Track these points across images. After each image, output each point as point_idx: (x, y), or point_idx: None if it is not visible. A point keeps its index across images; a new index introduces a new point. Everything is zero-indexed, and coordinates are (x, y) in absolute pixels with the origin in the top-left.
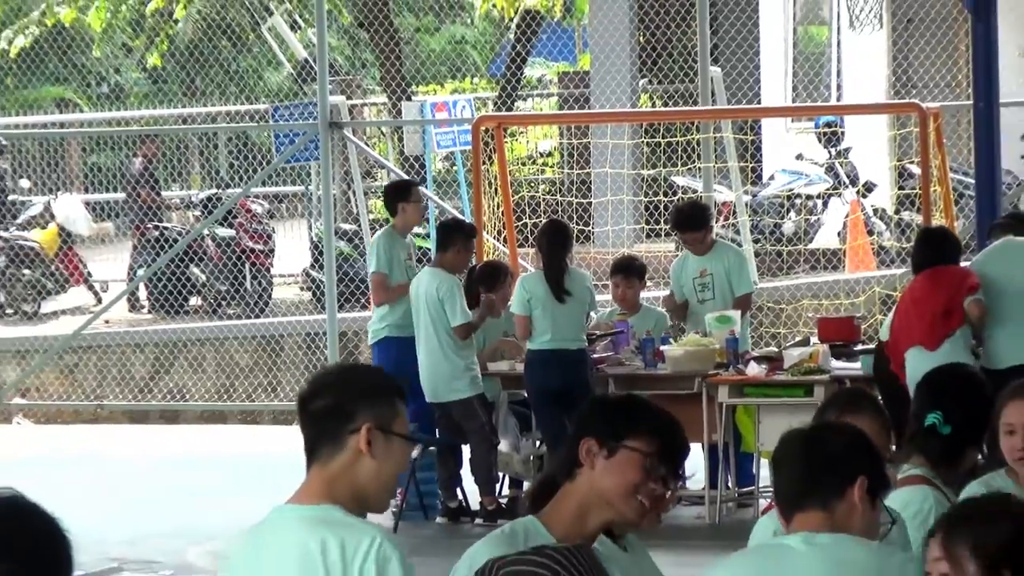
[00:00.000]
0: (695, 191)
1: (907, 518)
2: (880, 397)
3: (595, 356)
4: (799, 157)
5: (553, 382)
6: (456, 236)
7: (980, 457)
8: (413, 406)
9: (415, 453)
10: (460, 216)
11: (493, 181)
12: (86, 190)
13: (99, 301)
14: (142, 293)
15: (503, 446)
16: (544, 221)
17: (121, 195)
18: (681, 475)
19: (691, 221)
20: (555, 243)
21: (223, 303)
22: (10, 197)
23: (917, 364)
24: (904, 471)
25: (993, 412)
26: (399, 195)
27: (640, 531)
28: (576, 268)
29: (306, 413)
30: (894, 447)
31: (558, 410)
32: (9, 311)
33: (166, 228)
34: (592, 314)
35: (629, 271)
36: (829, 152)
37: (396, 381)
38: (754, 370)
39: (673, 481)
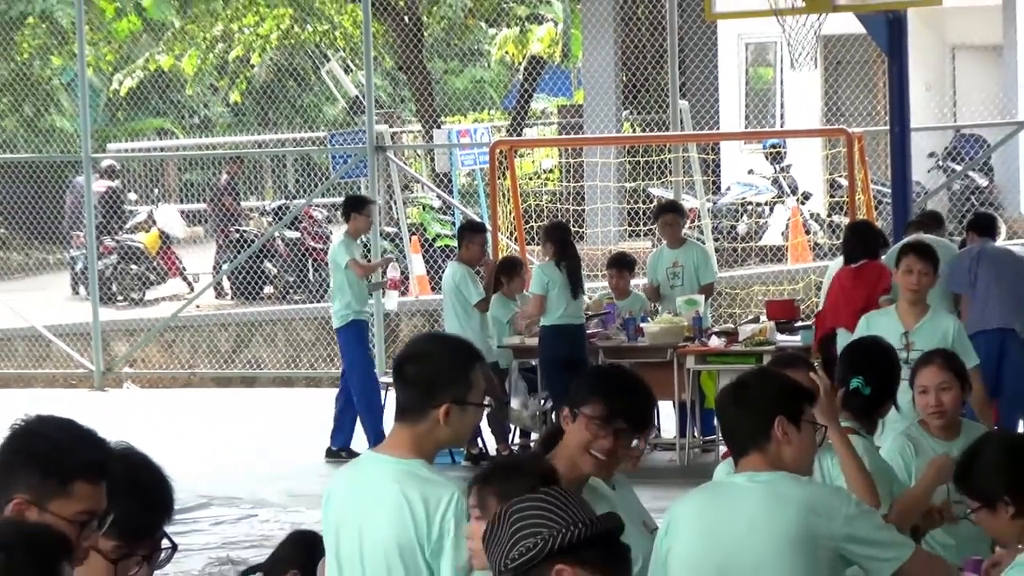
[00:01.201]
0: (667, 203)
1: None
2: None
3: (588, 332)
4: (750, 172)
5: (562, 351)
6: (464, 233)
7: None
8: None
9: None
10: (474, 220)
11: (506, 192)
12: (181, 201)
13: (191, 289)
14: (226, 283)
15: (514, 404)
16: (555, 221)
17: (210, 204)
18: (645, 425)
19: (672, 205)
20: (571, 242)
21: (291, 291)
22: (122, 207)
23: (845, 342)
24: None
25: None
26: (352, 207)
27: (625, 472)
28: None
29: (401, 375)
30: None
31: (564, 374)
32: (120, 298)
33: (244, 231)
34: (585, 297)
35: (622, 265)
36: (774, 168)
37: (475, 353)
38: (715, 342)
39: (633, 434)
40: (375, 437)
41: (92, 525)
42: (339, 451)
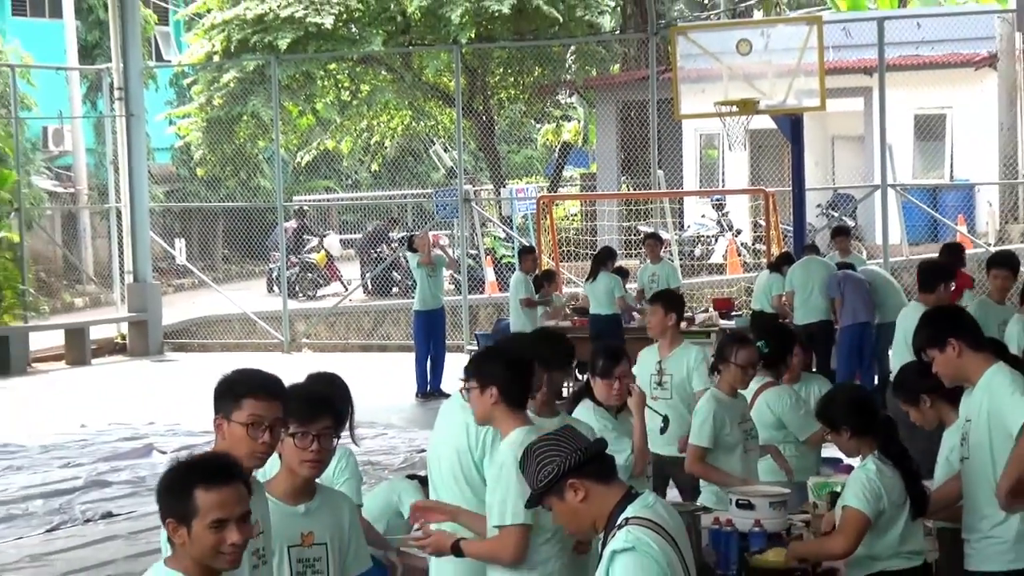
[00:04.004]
0: (650, 233)
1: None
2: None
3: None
4: (703, 216)
5: (594, 331)
6: (521, 254)
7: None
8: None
9: None
10: (528, 245)
11: (547, 229)
12: (340, 233)
13: (346, 289)
14: (368, 285)
15: None
16: (603, 247)
17: (359, 235)
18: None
19: (654, 234)
20: (598, 261)
21: (409, 291)
22: (303, 237)
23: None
24: (759, 380)
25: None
26: (412, 241)
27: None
28: (610, 273)
29: (484, 356)
30: None
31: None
32: (300, 295)
33: (380, 252)
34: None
35: (620, 275)
36: (718, 214)
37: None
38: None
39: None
40: (420, 382)
41: (258, 426)
42: (432, 392)
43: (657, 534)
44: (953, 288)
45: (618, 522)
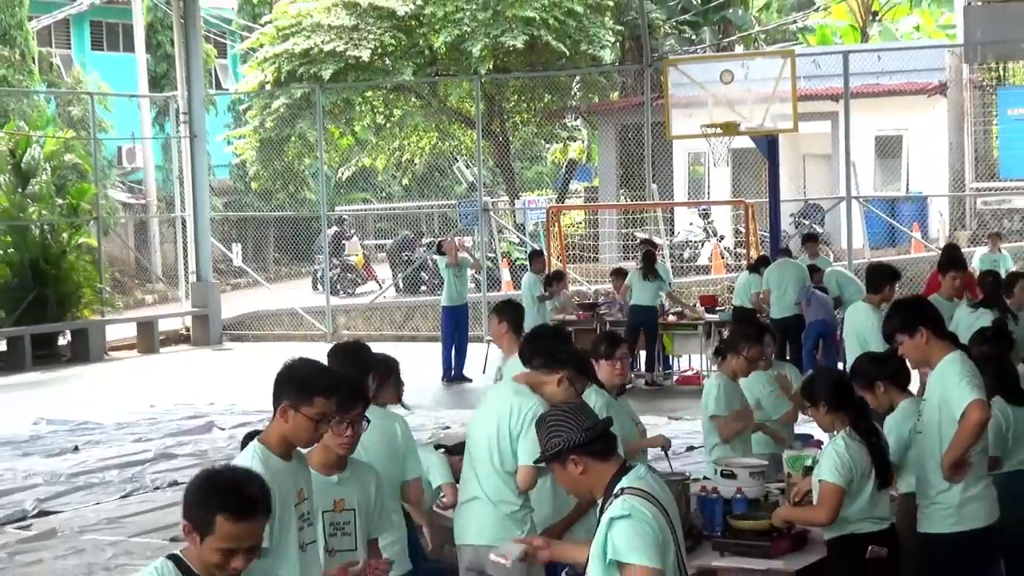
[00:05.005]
0: (645, 239)
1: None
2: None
3: (600, 312)
4: (691, 224)
5: (635, 320)
6: (531, 257)
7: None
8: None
9: None
10: (538, 249)
11: (556, 235)
12: (375, 239)
13: (380, 287)
14: (400, 284)
15: None
16: (646, 249)
17: (391, 241)
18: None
19: (648, 240)
20: (644, 263)
21: (436, 289)
22: (343, 242)
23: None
24: None
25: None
26: (440, 246)
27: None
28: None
29: (535, 342)
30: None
31: (633, 335)
32: (341, 292)
33: (410, 255)
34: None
35: (619, 275)
36: (704, 221)
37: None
38: (671, 318)
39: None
40: (445, 368)
41: (324, 422)
42: (456, 377)
43: (649, 502)
44: (896, 287)
45: (615, 492)
